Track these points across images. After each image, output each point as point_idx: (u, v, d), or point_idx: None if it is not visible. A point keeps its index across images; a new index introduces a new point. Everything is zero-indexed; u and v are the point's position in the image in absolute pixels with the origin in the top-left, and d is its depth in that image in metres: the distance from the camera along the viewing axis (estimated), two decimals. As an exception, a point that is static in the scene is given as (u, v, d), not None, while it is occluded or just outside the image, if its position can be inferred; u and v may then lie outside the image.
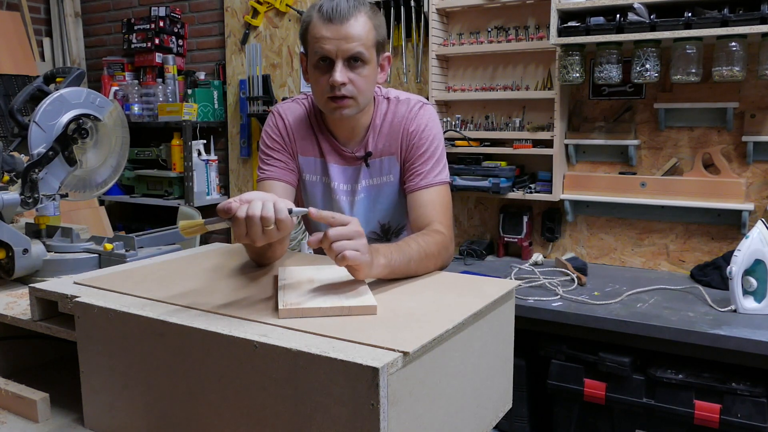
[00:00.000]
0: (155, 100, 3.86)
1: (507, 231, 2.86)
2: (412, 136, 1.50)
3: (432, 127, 1.52)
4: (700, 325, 1.92)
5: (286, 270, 1.17)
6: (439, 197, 1.48)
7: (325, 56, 1.36)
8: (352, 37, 1.35)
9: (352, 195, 1.57)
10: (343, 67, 1.37)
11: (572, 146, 2.71)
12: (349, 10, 1.35)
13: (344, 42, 1.35)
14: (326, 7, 1.35)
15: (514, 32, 2.82)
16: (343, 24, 1.34)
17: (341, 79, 1.36)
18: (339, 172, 1.56)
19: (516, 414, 2.32)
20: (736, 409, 1.89)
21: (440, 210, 1.46)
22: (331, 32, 1.35)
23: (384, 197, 1.57)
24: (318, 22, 1.36)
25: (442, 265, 1.33)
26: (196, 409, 0.91)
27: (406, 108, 1.52)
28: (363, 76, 1.39)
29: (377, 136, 1.52)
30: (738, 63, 2.25)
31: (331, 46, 1.35)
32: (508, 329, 1.18)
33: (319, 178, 1.58)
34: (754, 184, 2.46)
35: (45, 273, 1.48)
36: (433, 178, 1.48)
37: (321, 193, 1.59)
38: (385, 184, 1.56)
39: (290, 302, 0.95)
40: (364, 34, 1.36)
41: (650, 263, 2.68)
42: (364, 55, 1.37)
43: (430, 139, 1.50)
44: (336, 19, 1.34)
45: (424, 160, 1.49)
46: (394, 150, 1.52)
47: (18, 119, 1.54)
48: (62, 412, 1.10)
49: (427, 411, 0.88)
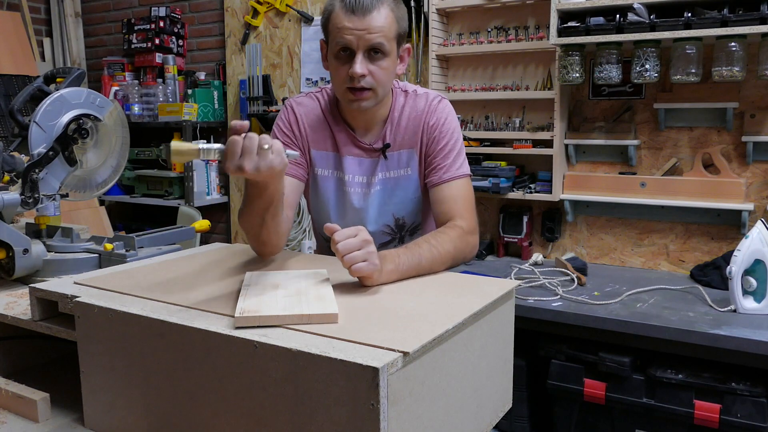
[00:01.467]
0: (155, 100, 3.86)
1: (507, 231, 2.86)
2: (432, 130, 1.51)
3: (451, 120, 1.53)
4: (700, 325, 1.92)
5: (252, 275, 1.14)
6: (461, 191, 1.49)
7: (346, 47, 1.37)
8: (373, 29, 1.35)
9: (368, 187, 1.56)
10: (364, 58, 1.37)
11: (572, 146, 2.71)
12: (372, 2, 1.35)
13: (366, 33, 1.35)
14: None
15: (514, 32, 2.82)
16: (365, 15, 1.34)
17: (361, 71, 1.36)
18: (354, 165, 1.56)
19: (516, 414, 2.32)
20: (736, 409, 1.88)
21: (462, 204, 1.47)
22: (353, 23, 1.35)
23: (400, 190, 1.57)
24: (340, 12, 1.36)
25: (462, 260, 1.36)
26: (196, 409, 0.91)
27: (425, 102, 1.53)
28: (383, 68, 1.40)
29: (395, 129, 1.53)
30: (738, 63, 2.25)
31: (353, 37, 1.35)
32: (508, 329, 1.19)
33: (331, 173, 1.57)
34: (753, 184, 2.46)
35: (45, 273, 1.48)
36: (455, 171, 1.49)
37: (333, 188, 1.58)
38: (402, 177, 1.56)
39: (248, 309, 0.92)
40: (387, 25, 1.37)
41: (650, 263, 2.68)
42: (385, 46, 1.37)
43: (450, 132, 1.51)
44: (359, 11, 1.34)
45: (445, 154, 1.50)
46: (413, 143, 1.53)
47: (18, 119, 1.54)
48: (62, 412, 1.10)
49: (427, 411, 0.88)
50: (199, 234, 2.20)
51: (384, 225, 1.60)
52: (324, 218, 1.62)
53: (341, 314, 0.94)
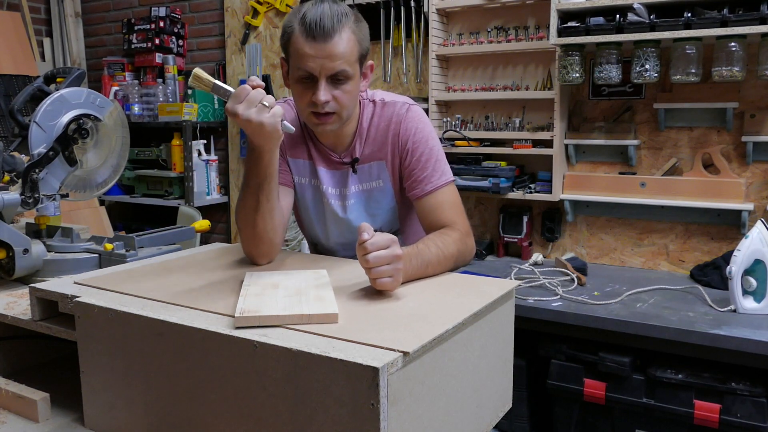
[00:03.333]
0: (155, 100, 3.86)
1: (507, 231, 2.86)
2: (404, 142, 1.47)
3: (422, 128, 1.48)
4: (700, 325, 1.92)
5: (252, 275, 1.15)
6: (448, 197, 1.46)
7: (309, 74, 1.33)
8: (335, 56, 1.31)
9: (343, 200, 1.55)
10: (327, 84, 1.33)
11: (572, 146, 2.71)
12: (333, 26, 1.30)
13: (328, 61, 1.30)
14: (309, 20, 1.29)
15: (514, 32, 2.82)
16: (327, 42, 1.29)
17: (324, 98, 1.33)
18: (328, 176, 1.55)
19: (516, 414, 2.32)
20: (736, 409, 1.89)
21: (451, 209, 1.45)
22: (314, 50, 1.30)
23: (375, 202, 1.55)
24: (300, 37, 1.31)
25: (463, 262, 1.36)
26: (196, 409, 0.91)
27: (392, 111, 1.49)
28: (346, 92, 1.36)
29: (364, 142, 1.50)
30: (738, 63, 2.25)
31: (315, 64, 1.31)
32: (508, 329, 1.19)
33: (308, 181, 1.57)
34: (753, 184, 2.46)
35: (45, 273, 1.48)
36: (437, 180, 1.46)
37: (311, 196, 1.58)
38: (375, 189, 1.54)
39: (248, 309, 0.92)
40: (348, 50, 1.32)
41: (650, 263, 2.68)
42: (348, 72, 1.34)
43: (424, 142, 1.47)
44: (319, 37, 1.29)
45: (422, 165, 1.46)
46: (382, 155, 1.50)
47: (18, 119, 1.54)
48: (62, 412, 1.10)
49: (427, 411, 0.88)
50: (199, 234, 2.20)
51: None
52: (307, 225, 1.63)
53: (341, 314, 0.94)
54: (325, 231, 1.61)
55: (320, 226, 1.61)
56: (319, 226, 1.61)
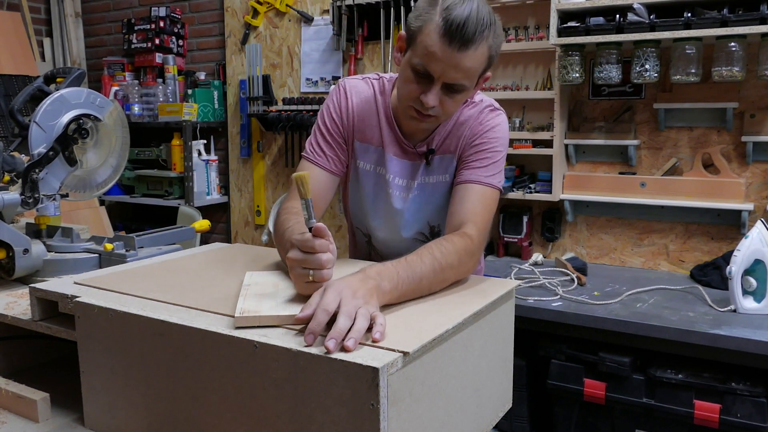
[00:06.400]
0: (155, 100, 3.86)
1: (507, 231, 2.86)
2: (475, 136, 1.41)
3: (498, 131, 1.41)
4: (700, 325, 1.92)
5: (252, 275, 1.14)
6: (483, 198, 1.37)
7: (427, 72, 1.24)
8: (462, 68, 1.22)
9: (407, 191, 1.48)
10: (440, 89, 1.26)
11: (572, 146, 2.71)
12: (474, 37, 1.19)
13: (453, 71, 1.22)
14: (452, 20, 1.18)
15: (514, 32, 2.82)
16: (460, 51, 1.20)
17: (433, 103, 1.26)
18: (397, 165, 1.46)
19: (516, 414, 2.32)
20: (736, 409, 1.89)
21: (479, 211, 1.34)
22: (444, 54, 1.20)
23: (437, 197, 1.47)
24: (435, 33, 1.20)
25: (465, 274, 1.22)
26: (196, 409, 0.91)
27: (478, 109, 1.42)
28: (456, 101, 1.30)
29: (442, 135, 1.43)
30: (738, 63, 2.25)
31: (438, 67, 1.22)
32: (508, 329, 1.19)
33: (372, 168, 1.47)
34: (753, 184, 2.46)
35: (45, 273, 1.48)
36: (484, 177, 1.37)
37: (373, 184, 1.49)
38: (441, 183, 1.46)
39: (248, 309, 0.92)
40: (476, 66, 1.24)
41: (650, 263, 2.68)
42: (465, 85, 1.26)
43: (493, 141, 1.40)
44: (455, 43, 1.19)
45: (480, 158, 1.39)
46: (453, 148, 1.43)
47: (18, 119, 1.54)
48: (62, 412, 1.10)
49: (427, 411, 0.88)
50: (199, 234, 2.20)
51: (418, 232, 1.52)
52: (361, 213, 1.54)
53: (341, 314, 0.94)
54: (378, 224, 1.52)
55: (374, 217, 1.52)
56: (373, 216, 1.52)
